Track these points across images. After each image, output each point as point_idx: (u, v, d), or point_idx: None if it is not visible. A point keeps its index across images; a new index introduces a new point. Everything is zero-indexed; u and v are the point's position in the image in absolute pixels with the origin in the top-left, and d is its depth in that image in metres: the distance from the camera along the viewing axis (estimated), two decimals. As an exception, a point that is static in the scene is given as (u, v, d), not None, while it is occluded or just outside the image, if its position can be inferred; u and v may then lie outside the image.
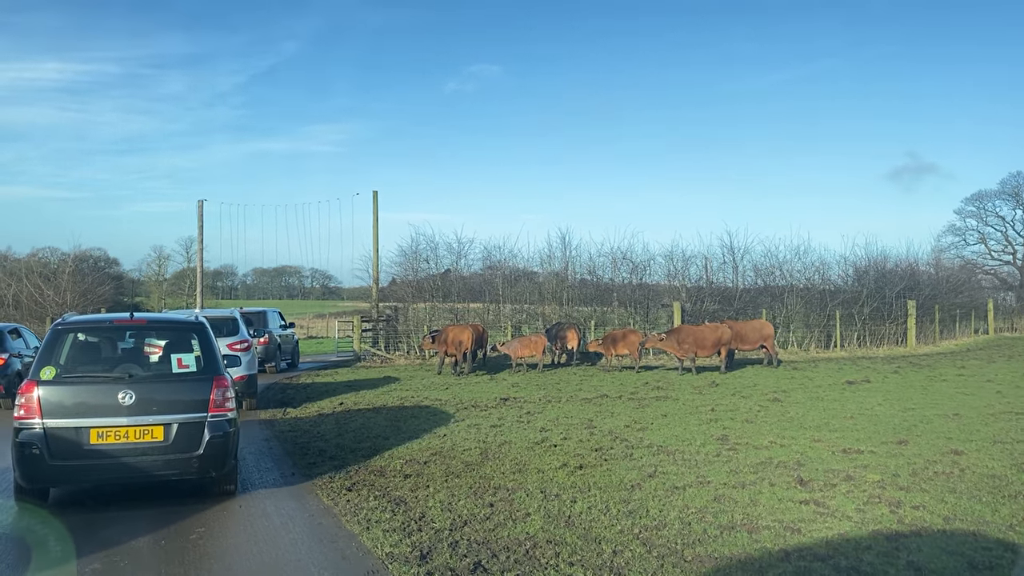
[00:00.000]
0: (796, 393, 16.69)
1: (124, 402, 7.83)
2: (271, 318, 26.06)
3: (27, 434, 7.71)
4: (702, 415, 13.55)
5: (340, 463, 10.12)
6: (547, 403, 15.57)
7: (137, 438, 7.84)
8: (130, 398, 7.85)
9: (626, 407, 14.76)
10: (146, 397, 7.94)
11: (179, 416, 8.03)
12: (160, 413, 7.95)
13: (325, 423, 13.72)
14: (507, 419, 13.42)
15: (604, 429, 12.12)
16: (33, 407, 7.75)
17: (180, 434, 7.97)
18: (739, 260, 30.93)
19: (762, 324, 24.16)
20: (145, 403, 7.90)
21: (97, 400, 7.84)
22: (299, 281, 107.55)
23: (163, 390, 8.16)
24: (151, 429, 7.88)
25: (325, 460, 10.39)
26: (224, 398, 8.30)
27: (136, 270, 76.38)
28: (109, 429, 7.77)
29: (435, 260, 31.66)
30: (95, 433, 7.73)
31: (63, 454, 7.70)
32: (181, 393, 8.22)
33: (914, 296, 32.11)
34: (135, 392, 7.89)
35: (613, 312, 30.54)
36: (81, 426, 7.73)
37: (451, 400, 16.35)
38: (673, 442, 10.88)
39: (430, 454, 10.44)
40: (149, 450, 7.87)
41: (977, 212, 67.03)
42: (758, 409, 14.22)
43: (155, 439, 7.88)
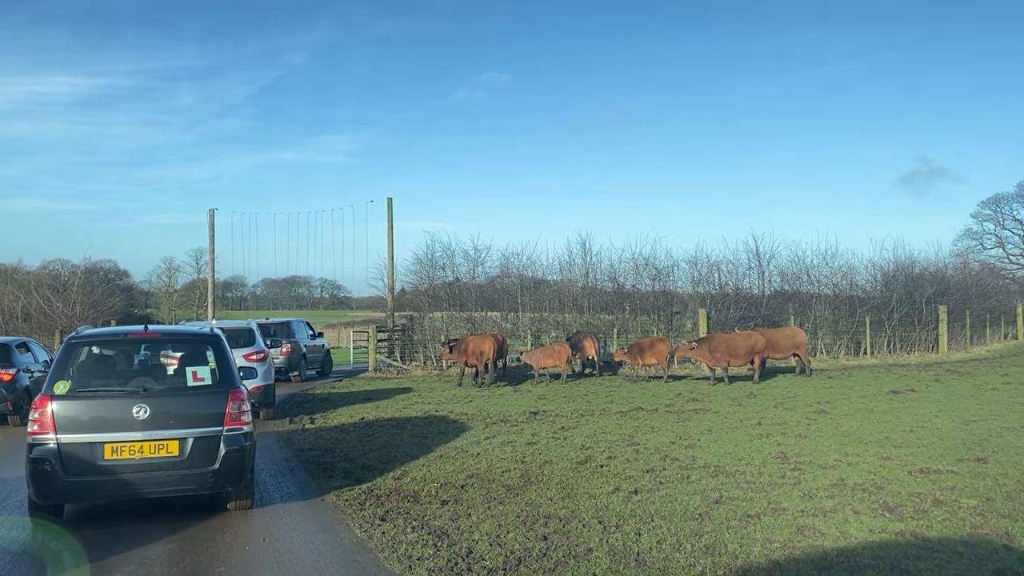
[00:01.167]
0: (841, 404, 15.80)
1: (138, 416, 7.65)
2: (297, 328, 25.99)
3: (41, 450, 7.50)
4: (750, 429, 12.68)
5: (368, 485, 9.31)
6: (580, 417, 14.72)
7: (152, 453, 7.66)
8: (144, 412, 7.67)
9: (665, 421, 13.90)
10: (161, 411, 7.75)
11: (194, 430, 7.83)
12: (175, 427, 7.77)
13: (347, 439, 12.92)
14: (541, 435, 12.59)
15: (649, 446, 11.27)
16: (47, 422, 7.55)
17: (195, 449, 7.78)
18: (765, 265, 30.01)
19: (794, 332, 23.25)
20: (160, 417, 7.72)
21: (111, 415, 7.66)
22: (308, 291, 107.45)
23: (178, 404, 7.96)
24: (166, 444, 7.70)
25: (352, 482, 9.58)
26: (240, 411, 8.08)
27: (146, 281, 76.12)
28: (123, 444, 7.58)
29: (451, 268, 30.90)
30: (109, 448, 7.55)
31: (77, 470, 7.50)
32: (196, 407, 8.02)
33: (944, 301, 31.12)
34: (150, 406, 7.71)
35: (635, 320, 29.66)
36: (95, 441, 7.55)
37: (477, 414, 15.52)
38: (729, 461, 10.01)
39: (466, 476, 9.61)
40: (164, 465, 7.68)
41: (994, 215, 65.94)
42: (807, 422, 13.35)
43: (170, 454, 7.70)
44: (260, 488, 9.45)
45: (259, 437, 13.97)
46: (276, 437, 13.81)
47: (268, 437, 13.70)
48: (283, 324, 25.06)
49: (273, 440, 13.46)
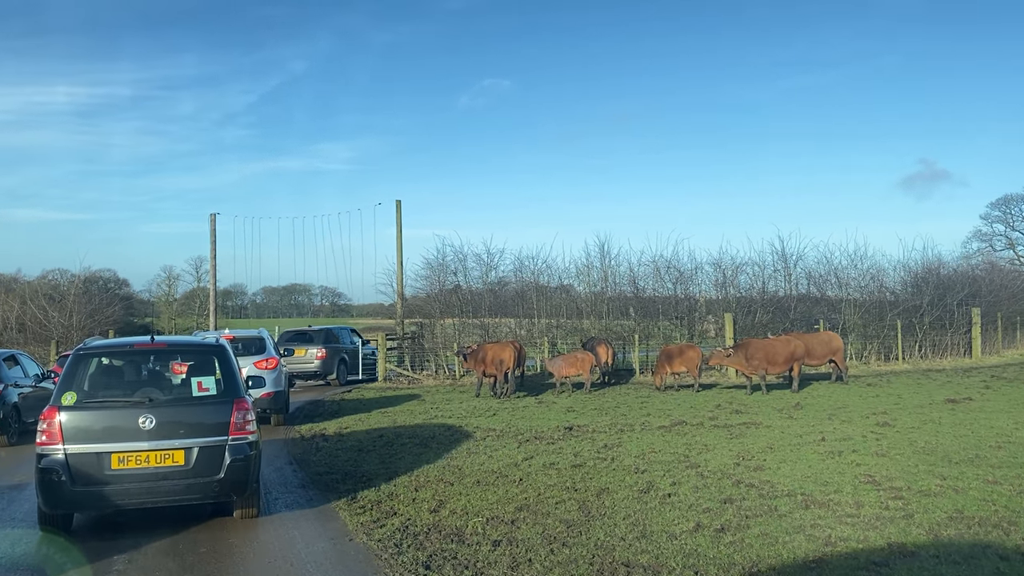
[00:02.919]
0: (899, 415, 14.52)
1: (144, 427, 7.76)
2: (340, 334, 27.85)
3: (49, 460, 7.61)
4: (815, 446, 11.41)
5: (401, 521, 8.04)
6: (621, 433, 13.44)
7: (158, 463, 7.75)
8: (150, 422, 7.78)
9: (717, 437, 12.63)
10: (167, 421, 7.86)
11: (200, 440, 7.91)
12: (181, 437, 7.86)
13: (368, 461, 11.65)
14: (585, 456, 11.31)
15: (712, 468, 9.99)
16: (55, 433, 7.67)
17: (201, 458, 7.87)
18: (792, 267, 28.70)
19: (830, 337, 21.97)
20: (166, 427, 7.83)
21: (118, 425, 7.78)
22: (309, 299, 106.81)
23: (183, 414, 8.07)
24: (172, 453, 7.80)
25: (382, 516, 8.31)
26: (245, 421, 8.15)
27: (146, 291, 74.83)
28: (130, 454, 7.69)
29: (464, 272, 29.59)
30: (116, 458, 7.66)
31: (85, 480, 7.61)
32: (201, 416, 8.10)
33: (977, 303, 29.84)
34: (155, 416, 7.82)
35: (656, 325, 28.38)
36: (102, 451, 7.65)
37: (506, 430, 14.23)
38: (813, 487, 8.73)
39: (514, 508, 8.33)
40: (170, 474, 7.77)
41: (1003, 217, 64.62)
42: (874, 437, 12.07)
43: (176, 463, 7.79)
44: (277, 525, 8.20)
45: (270, 451, 12.73)
46: (288, 457, 12.54)
47: (279, 456, 12.43)
48: (320, 331, 26.91)
49: (285, 460, 12.19)
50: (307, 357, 25.56)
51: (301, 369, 25.05)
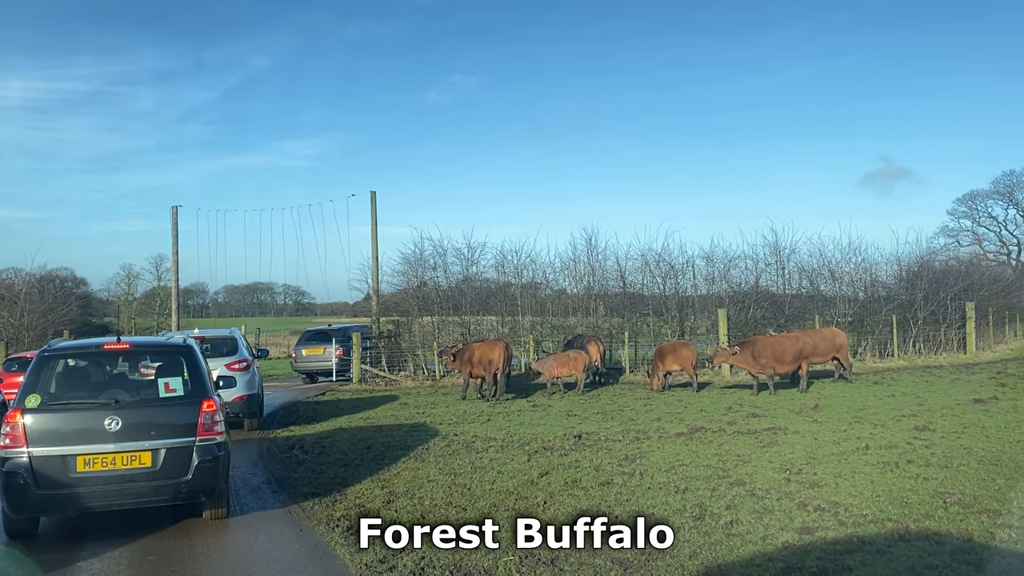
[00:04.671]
0: (932, 417, 13.38)
1: (110, 428, 7.64)
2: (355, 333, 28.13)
3: (13, 464, 7.46)
4: (861, 456, 10.19)
5: (415, 561, 6.64)
6: (636, 441, 12.14)
7: (124, 464, 7.63)
8: (116, 424, 7.66)
9: (746, 445, 11.38)
10: (133, 423, 7.75)
11: (167, 441, 7.82)
12: (147, 439, 7.75)
13: (357, 477, 10.22)
14: (608, 470, 9.98)
15: (761, 485, 8.71)
16: (19, 435, 7.51)
17: (168, 459, 7.78)
18: (785, 261, 27.65)
19: (834, 333, 20.88)
20: (132, 429, 7.71)
21: (83, 427, 7.65)
22: (272, 298, 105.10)
23: (150, 415, 7.96)
24: (138, 455, 7.69)
25: (389, 555, 6.90)
26: (213, 421, 8.05)
27: (105, 290, 72.29)
28: (96, 456, 7.56)
29: (444, 268, 28.11)
30: (82, 461, 7.52)
31: (50, 483, 7.47)
32: (168, 418, 8.01)
33: (971, 298, 29.10)
34: (121, 418, 7.70)
35: (645, 322, 27.19)
36: (67, 454, 7.52)
37: (508, 439, 12.86)
38: (894, 510, 7.47)
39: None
40: (136, 476, 7.66)
41: (970, 213, 64.61)
42: (921, 444, 10.90)
43: (143, 465, 7.69)
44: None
45: (244, 464, 11.28)
46: (266, 474, 11.07)
47: (256, 471, 10.95)
48: (341, 330, 28.10)
49: (263, 479, 10.72)
50: (326, 355, 27.39)
51: (320, 366, 27.36)
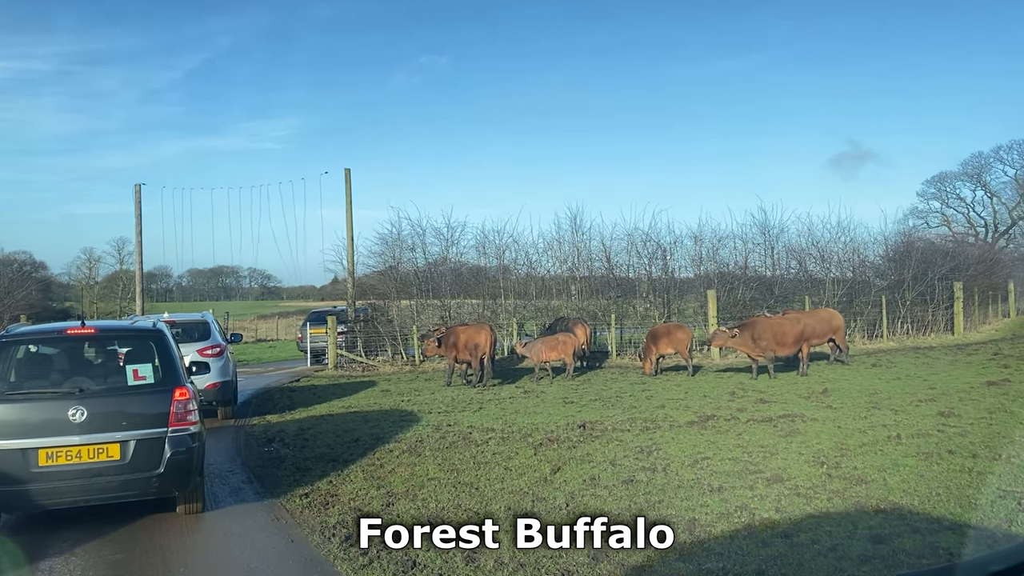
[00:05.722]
0: (950, 402, 12.72)
1: (75, 419, 7.20)
2: None
3: None
4: (896, 445, 9.44)
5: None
6: (647, 432, 11.29)
7: (91, 458, 7.20)
8: (81, 415, 7.22)
9: (767, 435, 10.58)
10: (99, 413, 7.31)
11: (136, 432, 7.37)
12: (115, 430, 7.31)
13: (361, 489, 9.23)
14: (625, 464, 9.12)
15: (803, 483, 7.89)
16: None
17: (138, 452, 7.35)
18: (775, 241, 26.98)
19: (831, 314, 20.23)
20: (98, 419, 7.27)
21: (45, 418, 7.21)
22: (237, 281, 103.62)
23: (118, 405, 7.52)
24: (106, 447, 7.25)
25: (399, 569, 5.96)
26: (186, 411, 7.62)
27: (65, 274, 70.24)
28: (59, 449, 7.14)
29: (423, 248, 27.06)
30: (44, 454, 7.11)
31: (8, 479, 7.03)
32: (138, 407, 7.56)
33: (958, 278, 28.71)
34: (87, 408, 7.26)
35: (631, 304, 26.39)
36: (28, 447, 7.08)
37: (507, 429, 11.96)
38: (962, 510, 6.70)
39: (584, 555, 6.06)
40: (104, 470, 7.23)
41: (939, 194, 64.57)
42: (955, 432, 10.18)
43: (111, 458, 7.26)
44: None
45: (221, 462, 10.26)
46: (246, 472, 10.07)
47: (234, 469, 9.94)
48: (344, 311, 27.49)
49: (243, 478, 9.71)
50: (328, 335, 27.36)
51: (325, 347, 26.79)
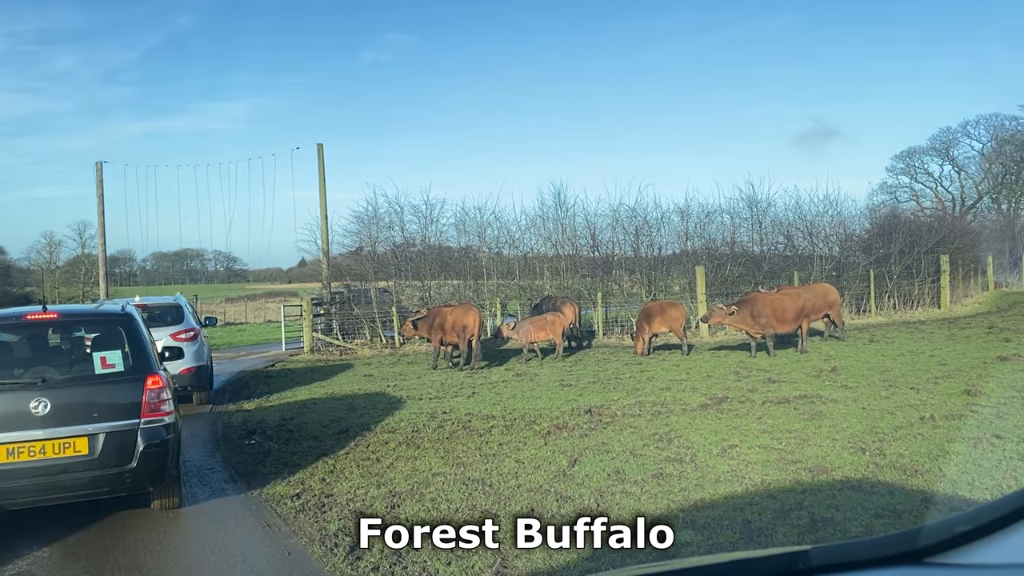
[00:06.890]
0: (969, 378, 12.15)
1: (38, 412, 6.64)
2: None
3: None
4: (934, 429, 8.82)
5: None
6: (659, 416, 10.57)
7: (56, 453, 6.65)
8: (45, 407, 6.67)
9: (789, 418, 9.90)
10: (64, 405, 6.77)
11: (106, 424, 6.82)
12: (82, 422, 6.76)
13: (359, 487, 8.38)
14: (647, 455, 8.38)
15: (852, 474, 7.20)
16: None
17: (108, 446, 6.79)
18: (762, 216, 26.39)
19: (826, 290, 19.65)
20: (63, 412, 6.72)
21: (5, 411, 6.63)
22: (202, 265, 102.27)
23: (85, 395, 6.99)
24: (73, 442, 6.71)
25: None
26: (159, 400, 7.11)
27: (25, 259, 68.36)
28: (22, 445, 6.57)
29: (401, 227, 26.11)
30: (5, 450, 6.55)
31: None
32: (107, 397, 7.03)
33: (944, 251, 28.39)
34: (50, 400, 6.70)
35: (617, 282, 25.70)
36: None
37: (507, 416, 11.18)
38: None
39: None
40: (71, 467, 6.67)
41: (907, 169, 64.56)
42: (991, 413, 9.57)
43: (78, 453, 6.71)
44: None
45: (198, 458, 9.39)
46: (228, 471, 9.17)
47: (215, 466, 9.04)
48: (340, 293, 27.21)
49: (225, 476, 8.82)
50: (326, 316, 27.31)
51: None
